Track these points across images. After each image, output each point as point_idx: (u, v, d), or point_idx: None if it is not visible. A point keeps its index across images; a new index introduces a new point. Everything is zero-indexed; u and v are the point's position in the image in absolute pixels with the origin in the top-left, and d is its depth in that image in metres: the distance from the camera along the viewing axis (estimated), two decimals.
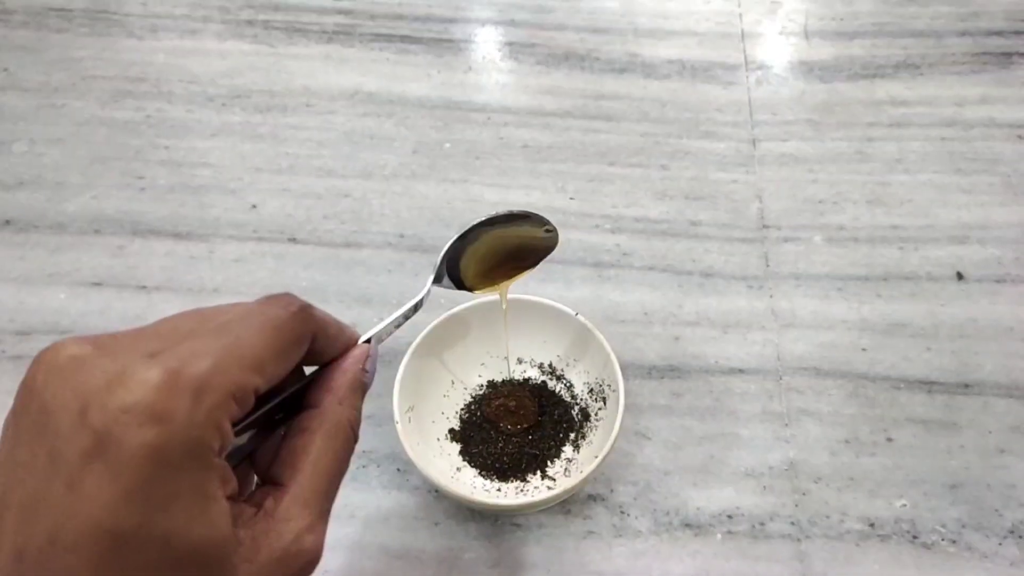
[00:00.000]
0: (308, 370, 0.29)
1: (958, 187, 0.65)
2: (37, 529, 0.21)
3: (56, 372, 0.22)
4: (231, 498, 0.23)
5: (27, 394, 0.22)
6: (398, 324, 0.34)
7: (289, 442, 0.26)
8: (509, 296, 0.51)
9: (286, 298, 0.26)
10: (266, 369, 0.24)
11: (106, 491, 0.20)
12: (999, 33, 0.76)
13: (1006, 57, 0.74)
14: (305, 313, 0.26)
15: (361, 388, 0.28)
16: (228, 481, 0.23)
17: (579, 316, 0.50)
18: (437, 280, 0.40)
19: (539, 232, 0.42)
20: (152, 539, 0.21)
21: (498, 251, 0.42)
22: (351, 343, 0.29)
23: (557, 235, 0.43)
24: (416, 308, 0.37)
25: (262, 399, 0.25)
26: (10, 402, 0.23)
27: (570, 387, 0.53)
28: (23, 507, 0.21)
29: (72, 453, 0.21)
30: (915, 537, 0.48)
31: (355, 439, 0.27)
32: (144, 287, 0.60)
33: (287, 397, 0.27)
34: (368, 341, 0.30)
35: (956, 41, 0.75)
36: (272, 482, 0.26)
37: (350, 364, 0.28)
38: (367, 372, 0.29)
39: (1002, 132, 0.68)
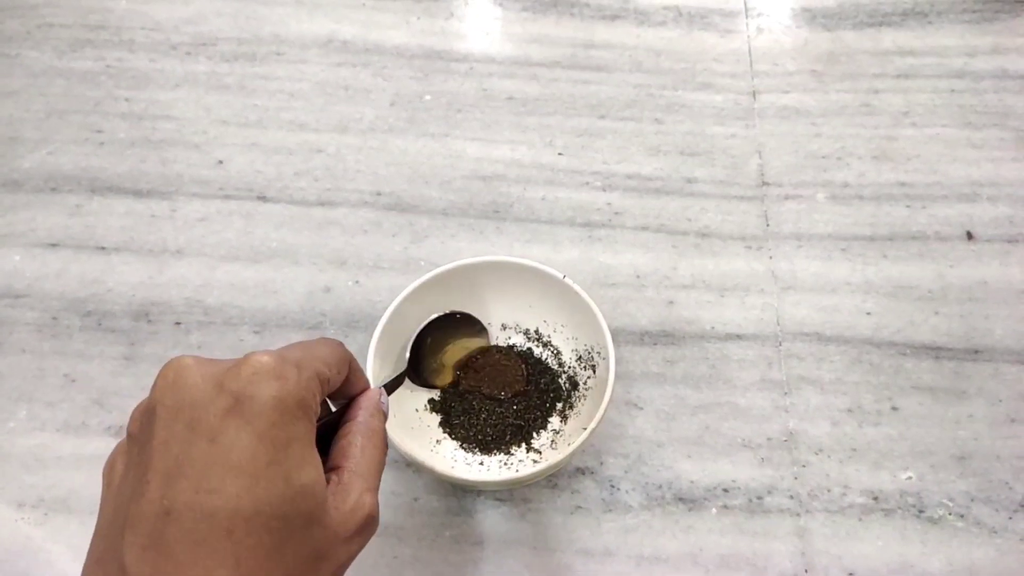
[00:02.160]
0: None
1: (968, 142, 0.61)
2: (182, 486, 0.25)
3: (184, 370, 0.27)
4: None
5: (160, 393, 0.27)
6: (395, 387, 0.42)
7: (337, 444, 0.32)
8: (492, 258, 0.49)
9: (324, 338, 0.33)
10: (332, 369, 0.31)
11: (244, 437, 0.25)
12: None
13: (1019, 5, 0.70)
14: (344, 346, 0.34)
15: (382, 412, 0.34)
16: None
17: (566, 279, 0.47)
18: (406, 375, 0.45)
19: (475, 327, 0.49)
20: (278, 475, 0.26)
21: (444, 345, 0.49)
22: (367, 385, 0.35)
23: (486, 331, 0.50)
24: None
25: None
26: None
27: (557, 354, 0.49)
28: (164, 474, 0.25)
29: (212, 415, 0.26)
30: (921, 511, 0.46)
31: (386, 445, 0.33)
32: (103, 248, 0.57)
33: (327, 422, 0.33)
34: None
35: None
36: (331, 470, 0.31)
37: (373, 394, 0.34)
38: (384, 404, 0.35)
39: (1014, 84, 0.65)
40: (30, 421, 0.50)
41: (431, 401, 0.48)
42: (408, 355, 0.46)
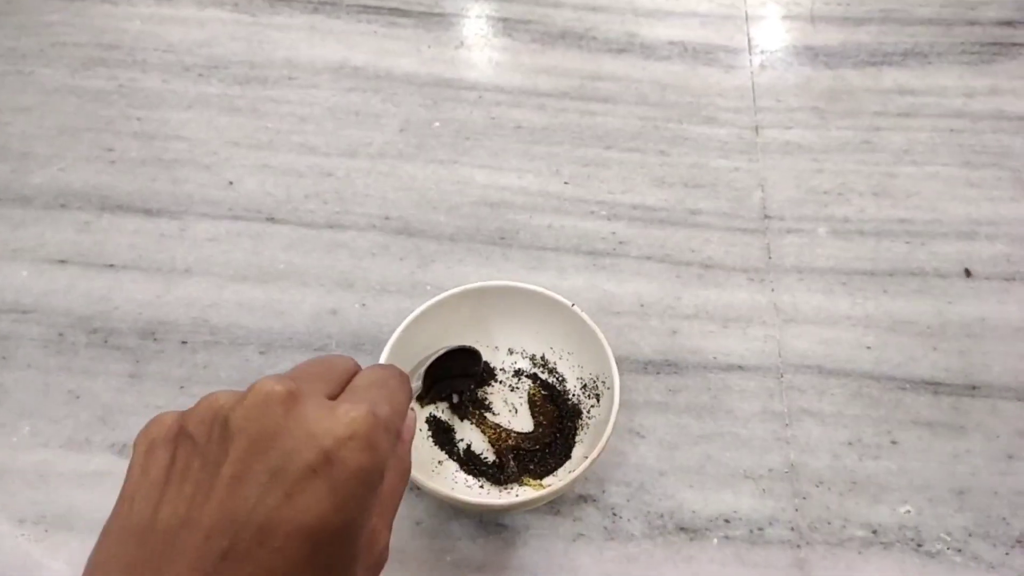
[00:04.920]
0: None
1: (967, 181, 0.62)
2: (245, 532, 0.24)
3: (276, 403, 0.26)
4: None
5: (244, 419, 0.25)
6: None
7: None
8: (500, 283, 0.49)
9: (392, 366, 0.33)
10: (405, 417, 0.31)
11: (322, 502, 0.25)
12: (1009, 23, 0.73)
13: (1016, 47, 0.71)
14: (409, 382, 0.33)
15: (411, 443, 0.34)
16: None
17: (575, 307, 0.47)
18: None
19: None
20: (342, 545, 0.25)
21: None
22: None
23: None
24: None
25: None
26: None
27: (562, 381, 0.50)
28: (229, 514, 0.24)
29: (296, 467, 0.25)
30: (919, 545, 0.46)
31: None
32: (111, 265, 0.57)
33: None
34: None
35: (965, 30, 0.73)
36: None
37: (411, 423, 0.33)
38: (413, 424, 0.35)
39: (1012, 125, 0.66)
40: (33, 437, 0.50)
41: (431, 420, 0.49)
42: (421, 379, 0.45)
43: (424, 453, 0.47)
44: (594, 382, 0.48)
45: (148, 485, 0.26)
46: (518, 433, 0.48)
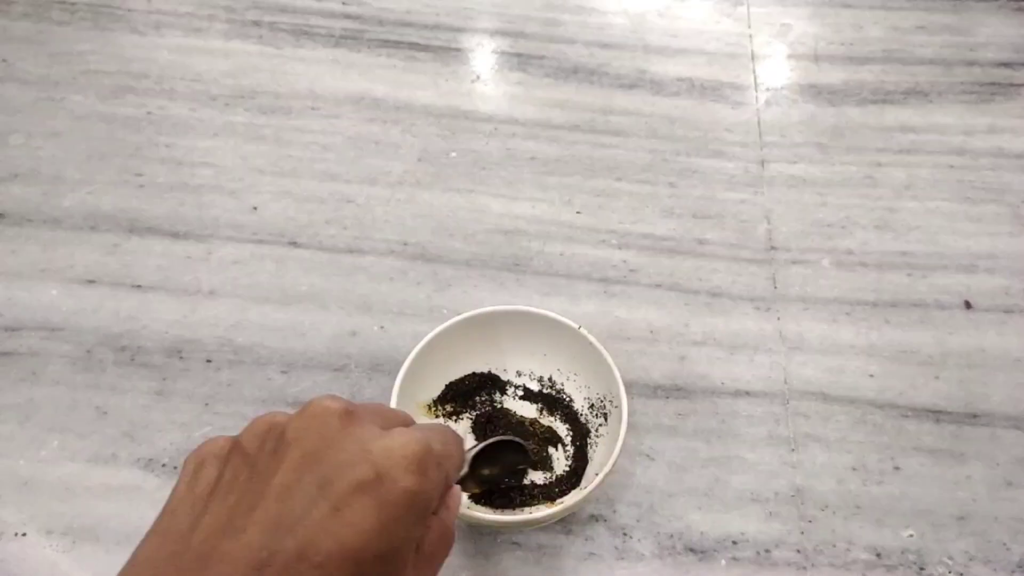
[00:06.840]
0: None
1: (966, 216, 0.64)
2: (286, 544, 0.23)
3: (332, 418, 0.26)
4: None
5: (299, 431, 0.26)
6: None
7: None
8: (510, 308, 0.51)
9: (448, 426, 0.34)
10: (456, 473, 0.31)
11: (368, 520, 0.24)
12: (1007, 64, 0.76)
13: (1014, 88, 0.74)
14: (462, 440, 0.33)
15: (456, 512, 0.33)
16: None
17: (582, 329, 0.49)
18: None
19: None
20: (381, 571, 0.25)
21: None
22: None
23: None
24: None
25: None
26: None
27: (570, 402, 0.52)
28: (274, 522, 0.24)
29: (346, 481, 0.25)
30: (922, 569, 0.47)
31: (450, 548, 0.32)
32: (139, 286, 0.59)
33: None
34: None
35: (965, 70, 0.75)
36: None
37: (458, 496, 0.33)
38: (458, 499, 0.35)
39: (1010, 162, 0.68)
40: (62, 451, 0.51)
41: None
42: (468, 465, 0.44)
43: None
44: (601, 401, 0.50)
45: (193, 499, 0.26)
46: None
